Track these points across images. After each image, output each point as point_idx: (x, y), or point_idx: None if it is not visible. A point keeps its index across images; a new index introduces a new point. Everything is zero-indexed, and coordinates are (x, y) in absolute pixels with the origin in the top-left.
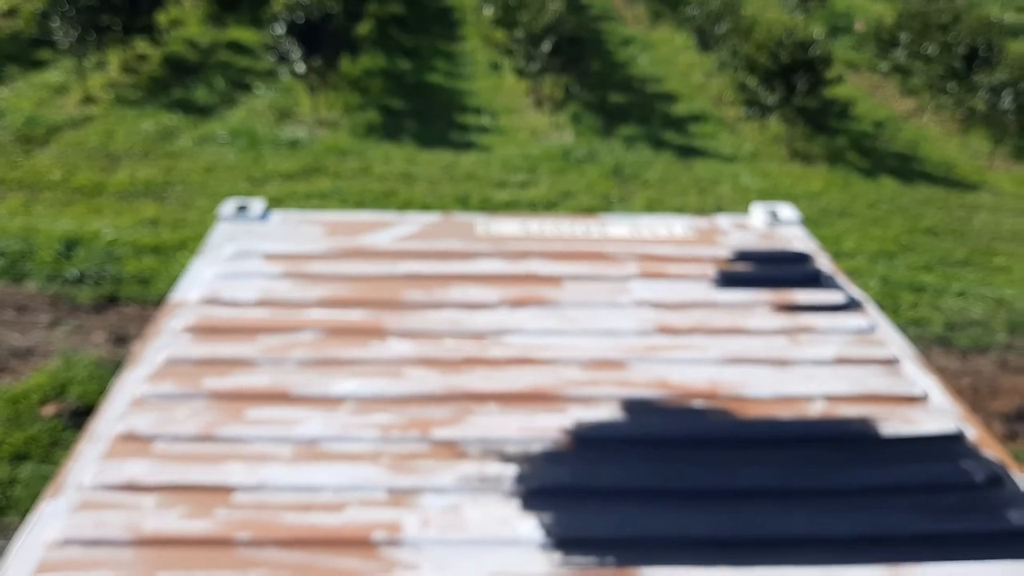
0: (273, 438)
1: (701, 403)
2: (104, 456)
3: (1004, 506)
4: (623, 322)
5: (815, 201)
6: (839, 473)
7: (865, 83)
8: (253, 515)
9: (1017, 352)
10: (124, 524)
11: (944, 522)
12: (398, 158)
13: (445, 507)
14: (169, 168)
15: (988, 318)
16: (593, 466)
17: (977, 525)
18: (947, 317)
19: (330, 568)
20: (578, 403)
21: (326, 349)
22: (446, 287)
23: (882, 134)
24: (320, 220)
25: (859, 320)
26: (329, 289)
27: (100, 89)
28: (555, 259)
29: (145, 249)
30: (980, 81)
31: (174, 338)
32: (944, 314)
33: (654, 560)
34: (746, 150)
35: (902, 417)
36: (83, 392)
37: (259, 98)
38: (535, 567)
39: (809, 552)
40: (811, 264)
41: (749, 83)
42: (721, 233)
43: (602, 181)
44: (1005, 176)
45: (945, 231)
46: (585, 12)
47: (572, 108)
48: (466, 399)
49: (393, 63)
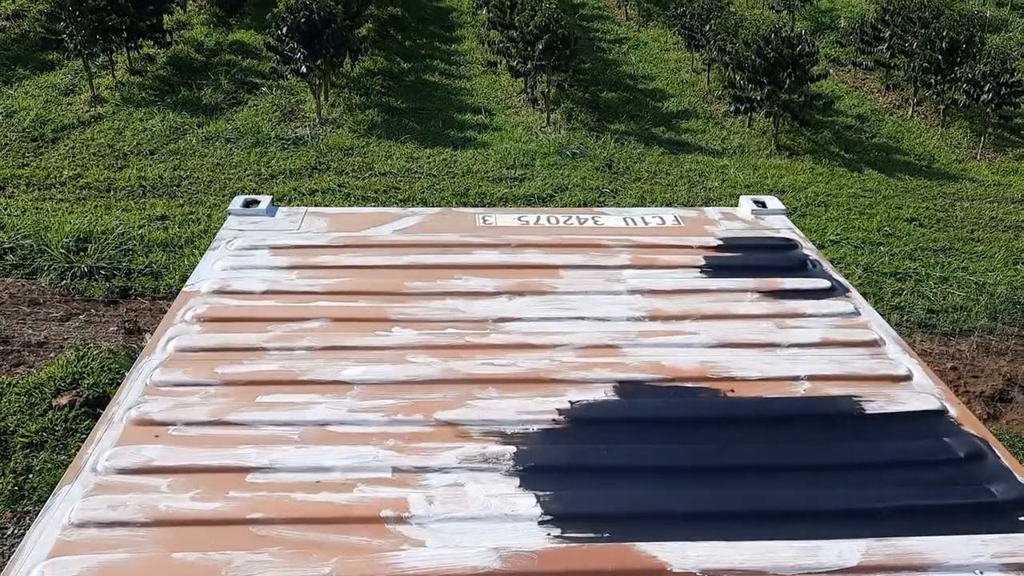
0: (284, 422)
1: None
2: (119, 441)
3: (986, 480)
4: (617, 309)
5: (801, 193)
6: (825, 450)
7: (849, 78)
8: (265, 496)
9: (998, 335)
10: (139, 506)
11: (927, 496)
12: (399, 155)
13: (449, 485)
14: (177, 166)
15: (969, 303)
16: (589, 445)
17: (959, 499)
18: (929, 303)
19: (340, 545)
20: (574, 386)
21: (333, 337)
22: (447, 277)
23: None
24: (325, 214)
25: (843, 304)
26: (335, 280)
27: (107, 89)
28: (551, 250)
29: (155, 244)
30: (961, 74)
31: (187, 328)
32: (927, 300)
33: (648, 535)
34: (734, 144)
35: (886, 396)
36: (96, 383)
37: (264, 98)
38: (534, 542)
39: (797, 525)
40: (796, 252)
41: (736, 79)
42: (710, 223)
43: (595, 175)
44: (986, 166)
45: (927, 220)
46: (578, 12)
47: (566, 105)
48: (467, 383)
49: (393, 63)
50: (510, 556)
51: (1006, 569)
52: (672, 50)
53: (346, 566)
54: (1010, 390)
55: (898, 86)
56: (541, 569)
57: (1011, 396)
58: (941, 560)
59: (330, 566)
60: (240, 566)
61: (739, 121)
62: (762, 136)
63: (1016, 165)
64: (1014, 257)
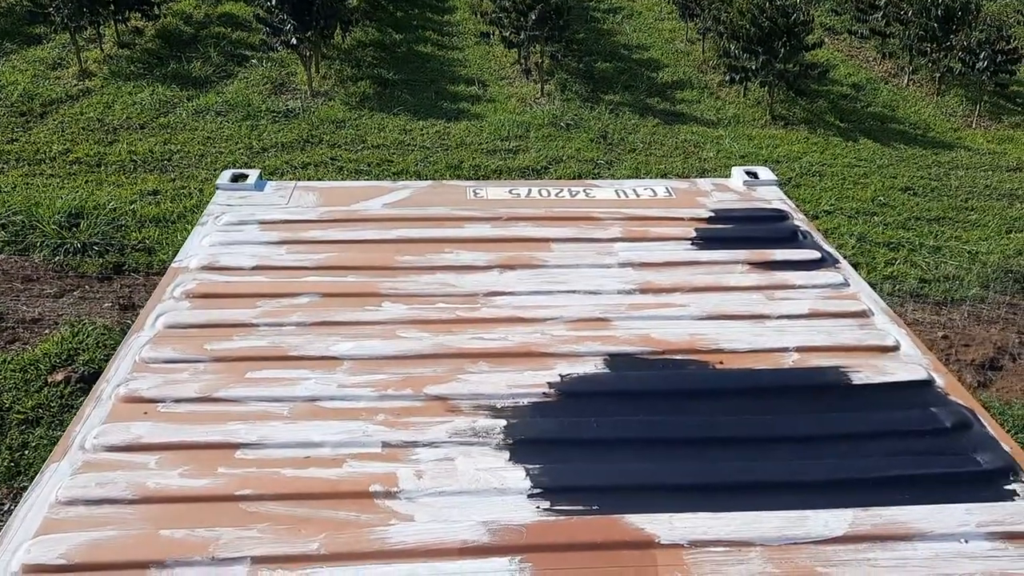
0: (273, 398)
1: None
2: (108, 418)
3: (973, 449)
4: (608, 282)
5: (795, 163)
6: (813, 421)
7: (844, 47)
8: (254, 472)
9: (989, 304)
10: (127, 483)
11: (914, 466)
12: (392, 127)
13: (438, 460)
14: (168, 140)
15: (962, 272)
16: (579, 418)
17: (946, 468)
18: (922, 272)
19: (329, 519)
20: (564, 359)
21: (323, 312)
22: (438, 251)
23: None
24: (314, 188)
25: (833, 275)
26: (324, 254)
27: (96, 63)
28: (542, 223)
29: (148, 219)
30: (956, 42)
31: (175, 304)
32: (919, 269)
33: (637, 507)
34: (728, 114)
35: (873, 366)
36: (91, 359)
37: (254, 70)
38: (524, 515)
39: (785, 496)
40: (787, 223)
41: (731, 49)
42: (702, 195)
43: (589, 147)
44: (981, 134)
45: (922, 189)
46: None
47: (560, 76)
48: (458, 357)
49: (384, 34)
50: (499, 529)
51: (991, 537)
52: (666, 19)
53: (335, 541)
54: (1000, 358)
55: (893, 55)
56: (530, 542)
57: (1001, 364)
58: (927, 529)
59: (319, 541)
60: (229, 542)
61: (734, 91)
62: (757, 106)
63: (1011, 133)
64: (1007, 226)
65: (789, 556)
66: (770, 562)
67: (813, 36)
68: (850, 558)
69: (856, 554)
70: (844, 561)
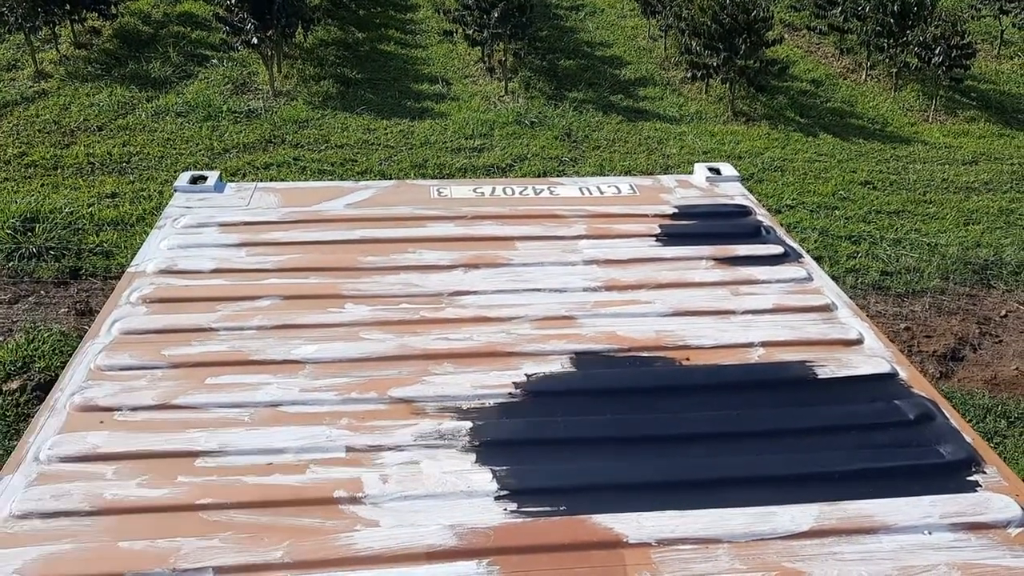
0: (234, 404)
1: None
2: (63, 428)
3: (934, 441)
4: (573, 280)
5: (757, 158)
6: (779, 415)
7: (804, 43)
8: (215, 480)
9: (949, 295)
10: (84, 494)
11: (878, 459)
12: (356, 127)
13: (403, 463)
14: (126, 141)
15: (922, 264)
16: (545, 418)
17: (909, 460)
18: (883, 265)
19: (293, 527)
20: (530, 359)
21: (284, 315)
22: (401, 251)
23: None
24: (275, 189)
25: (796, 270)
26: (286, 256)
27: (52, 64)
28: (506, 221)
29: (106, 222)
30: (912, 37)
31: (132, 309)
32: (881, 262)
33: (604, 507)
34: (691, 111)
35: (837, 360)
36: (47, 366)
37: (215, 70)
38: (490, 517)
39: (751, 492)
40: (750, 218)
41: (692, 45)
42: (665, 192)
43: (554, 144)
44: (937, 128)
45: (881, 183)
46: None
47: (524, 74)
48: (422, 359)
49: (347, 33)
50: (466, 533)
51: (954, 528)
52: (628, 16)
53: (299, 549)
54: (962, 348)
55: (852, 50)
56: (497, 544)
57: (963, 355)
58: (891, 522)
59: (282, 549)
60: (189, 552)
61: (696, 88)
62: (719, 102)
63: (966, 127)
64: (965, 218)
65: (756, 552)
66: (737, 559)
67: (773, 32)
68: (816, 553)
69: (822, 548)
70: (811, 556)
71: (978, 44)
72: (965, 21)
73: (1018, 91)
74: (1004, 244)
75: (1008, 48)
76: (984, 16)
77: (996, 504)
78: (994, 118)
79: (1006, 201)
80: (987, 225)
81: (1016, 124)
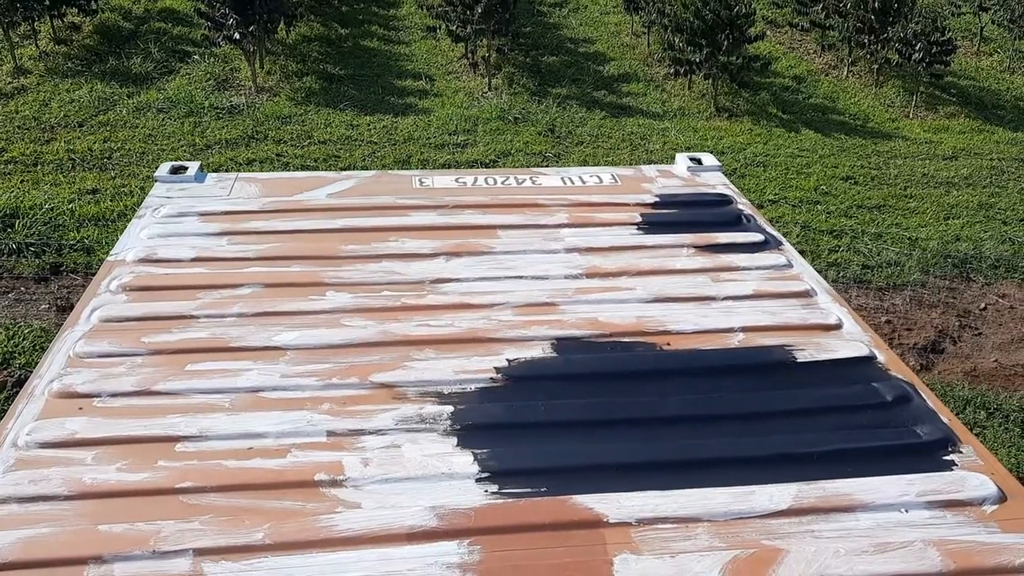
0: (214, 389)
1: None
2: (41, 414)
3: (912, 422)
4: (554, 267)
5: (740, 154)
6: (759, 398)
7: (786, 39)
8: (195, 464)
9: (930, 289)
10: (63, 479)
11: (857, 439)
12: (339, 123)
13: (385, 447)
14: (107, 138)
15: (902, 258)
16: (526, 403)
17: (887, 440)
18: (865, 259)
19: (274, 509)
20: (512, 344)
21: (265, 303)
22: (383, 240)
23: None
24: (256, 179)
25: (776, 257)
26: (267, 245)
27: (31, 60)
28: (488, 210)
29: (86, 219)
30: (893, 34)
31: (111, 297)
32: (862, 256)
33: (585, 487)
34: (674, 107)
35: (817, 344)
36: (28, 362)
37: (196, 66)
38: (471, 499)
39: (731, 473)
40: (731, 207)
41: (675, 42)
42: (646, 181)
43: (538, 140)
44: (918, 124)
45: (862, 178)
46: None
47: (507, 70)
48: (404, 345)
49: (330, 29)
50: (447, 514)
51: (931, 506)
52: (612, 13)
53: (280, 530)
54: (942, 341)
55: (833, 47)
56: (478, 525)
57: (943, 347)
58: (868, 500)
59: (263, 531)
60: (170, 535)
61: (679, 84)
62: (702, 98)
63: (946, 123)
64: (945, 212)
65: (735, 531)
66: (717, 537)
67: (755, 29)
68: (794, 531)
69: (800, 526)
70: (789, 534)
71: (958, 41)
72: (945, 18)
73: (997, 87)
74: (983, 238)
75: (987, 45)
76: (964, 13)
77: (972, 482)
78: (974, 114)
79: (985, 196)
80: (967, 219)
81: (995, 120)
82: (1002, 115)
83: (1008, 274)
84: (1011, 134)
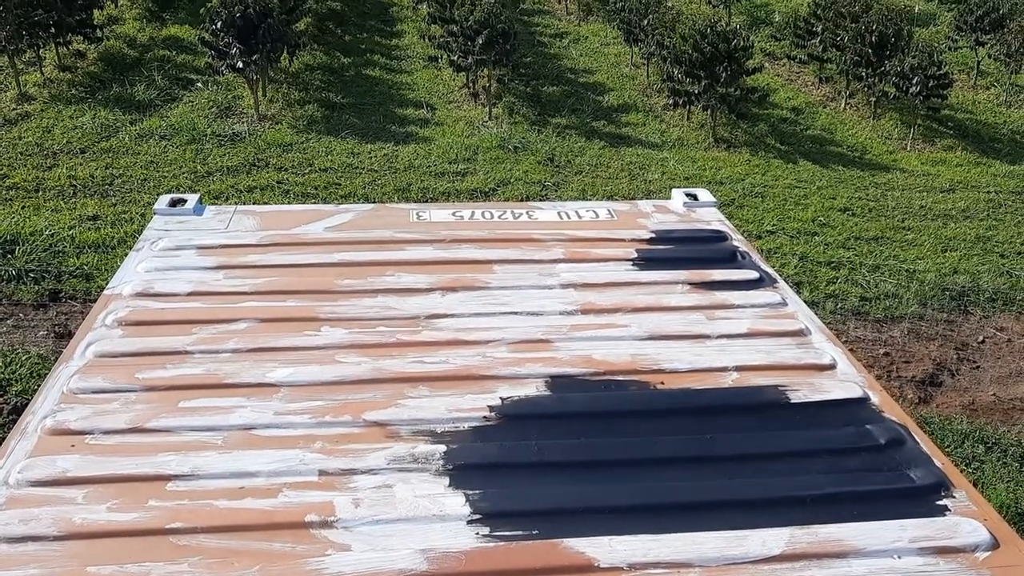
0: (207, 427)
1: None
2: (33, 452)
3: (905, 465)
4: (550, 303)
5: (738, 184)
6: (752, 439)
7: (784, 72)
8: (186, 504)
9: (928, 321)
10: (53, 519)
11: (849, 483)
12: (340, 151)
13: (376, 487)
14: (109, 164)
15: (900, 290)
16: (519, 442)
17: (880, 484)
18: (862, 291)
19: (263, 552)
20: (506, 382)
21: (260, 338)
22: (379, 274)
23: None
24: (255, 212)
25: (771, 295)
26: (263, 279)
27: (35, 87)
28: (485, 245)
29: (87, 245)
30: (890, 67)
31: (107, 332)
32: (860, 288)
33: (577, 530)
34: (672, 137)
35: (810, 384)
36: (24, 389)
37: (199, 94)
38: (463, 542)
39: (724, 516)
40: (726, 244)
41: (674, 73)
42: (642, 216)
43: (537, 169)
44: (915, 156)
45: (860, 210)
46: (518, 6)
47: (507, 99)
48: (398, 382)
49: (332, 58)
50: (437, 557)
51: (923, 552)
52: (611, 44)
53: (268, 573)
54: (940, 374)
55: (831, 79)
56: (469, 569)
57: (941, 380)
58: (861, 546)
59: (252, 573)
60: None
61: (678, 114)
62: (700, 129)
63: (944, 155)
64: (943, 245)
65: None
66: None
67: (753, 61)
68: None
69: (793, 572)
70: None
71: (955, 74)
72: (942, 52)
73: (994, 121)
74: (981, 271)
75: (984, 79)
76: (961, 47)
77: (964, 528)
78: (971, 147)
79: (983, 228)
80: (964, 252)
81: (992, 153)
82: (999, 148)
83: (1006, 307)
84: (1008, 167)
